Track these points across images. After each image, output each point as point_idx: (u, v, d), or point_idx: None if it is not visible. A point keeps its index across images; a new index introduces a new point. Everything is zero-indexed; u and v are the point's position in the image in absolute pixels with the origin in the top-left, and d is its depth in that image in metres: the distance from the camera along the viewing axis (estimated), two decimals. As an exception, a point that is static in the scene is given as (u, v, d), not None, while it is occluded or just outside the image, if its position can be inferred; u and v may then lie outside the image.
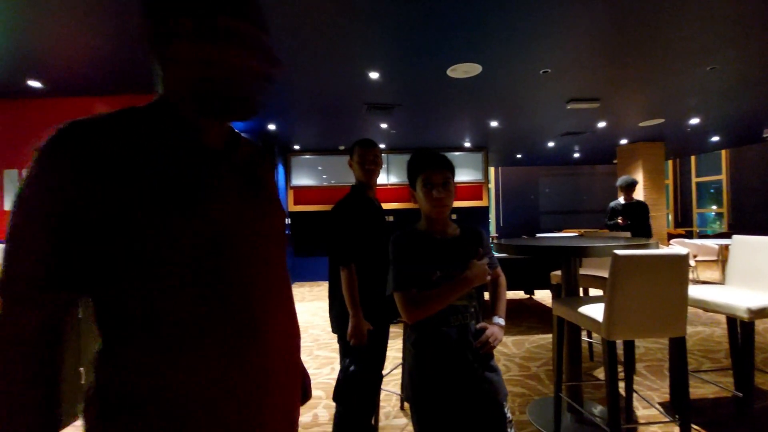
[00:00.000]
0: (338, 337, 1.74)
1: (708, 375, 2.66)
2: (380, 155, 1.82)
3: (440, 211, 1.19)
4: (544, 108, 4.72)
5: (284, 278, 0.71)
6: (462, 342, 1.15)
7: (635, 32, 2.80)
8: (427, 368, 1.16)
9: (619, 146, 7.32)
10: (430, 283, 1.15)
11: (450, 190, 1.19)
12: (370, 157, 1.77)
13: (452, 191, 1.20)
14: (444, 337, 1.15)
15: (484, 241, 1.27)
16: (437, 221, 1.22)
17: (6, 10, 2.31)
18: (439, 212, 1.19)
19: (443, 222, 1.23)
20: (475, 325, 1.18)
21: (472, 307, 1.18)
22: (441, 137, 6.34)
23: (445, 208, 1.20)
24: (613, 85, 3.95)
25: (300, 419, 2.32)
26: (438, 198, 1.17)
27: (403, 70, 3.45)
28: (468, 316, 1.17)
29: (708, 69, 3.49)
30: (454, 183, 1.22)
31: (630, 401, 2.17)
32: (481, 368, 1.15)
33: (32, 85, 3.46)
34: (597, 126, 5.67)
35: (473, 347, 1.15)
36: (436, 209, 1.18)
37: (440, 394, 1.13)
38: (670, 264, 1.59)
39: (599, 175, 10.42)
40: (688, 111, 5.03)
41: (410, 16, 2.53)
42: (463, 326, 1.16)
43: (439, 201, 1.17)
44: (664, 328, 1.64)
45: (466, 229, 1.28)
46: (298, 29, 2.65)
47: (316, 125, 5.38)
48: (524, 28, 2.72)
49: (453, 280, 1.13)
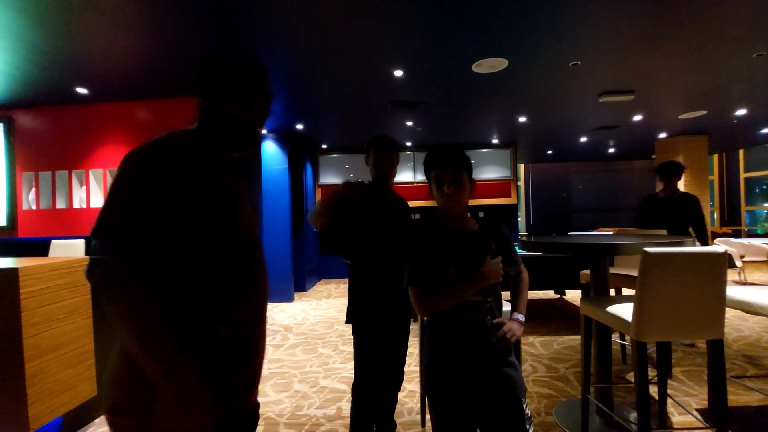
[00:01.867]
0: (352, 328, 1.77)
1: (752, 382, 2.50)
2: (397, 156, 1.83)
3: (451, 206, 1.20)
4: (575, 102, 4.56)
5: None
6: (477, 337, 1.15)
7: (672, 18, 2.66)
8: (442, 362, 1.17)
9: (658, 140, 6.96)
10: (445, 278, 1.16)
11: (462, 185, 1.19)
12: (386, 162, 1.81)
13: (465, 186, 1.20)
14: (459, 332, 1.16)
15: (502, 235, 1.26)
16: (452, 216, 1.23)
17: (57, 22, 2.49)
18: (451, 207, 1.20)
19: (458, 217, 1.23)
20: (491, 320, 1.17)
21: (488, 303, 1.18)
22: (467, 134, 6.25)
23: (456, 204, 1.20)
24: (649, 76, 3.76)
25: (324, 412, 2.38)
26: (449, 193, 1.18)
27: (427, 67, 3.43)
28: (483, 312, 1.17)
29: (754, 56, 3.26)
30: (467, 178, 1.21)
31: (663, 406, 2.08)
32: (496, 363, 1.14)
33: (79, 91, 3.70)
34: (632, 119, 5.41)
35: (489, 342, 1.14)
36: (446, 204, 1.20)
37: (455, 388, 1.15)
38: (704, 262, 1.51)
39: (637, 171, 9.94)
40: (734, 101, 4.71)
41: (434, 12, 2.52)
42: (478, 321, 1.16)
43: (450, 196, 1.18)
44: (699, 329, 1.56)
45: (484, 223, 1.27)
46: (324, 30, 2.70)
47: (342, 124, 5.45)
48: (551, 19, 2.64)
49: (467, 276, 1.14)
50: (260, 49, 2.98)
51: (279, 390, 2.69)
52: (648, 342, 1.55)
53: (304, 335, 3.98)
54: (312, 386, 2.74)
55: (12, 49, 2.80)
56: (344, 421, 2.23)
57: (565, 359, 3.09)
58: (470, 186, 1.23)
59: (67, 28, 2.55)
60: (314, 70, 3.41)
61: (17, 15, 2.37)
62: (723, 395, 1.62)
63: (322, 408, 2.42)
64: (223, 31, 2.69)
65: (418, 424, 2.19)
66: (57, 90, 3.66)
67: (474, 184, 1.26)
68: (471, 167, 1.25)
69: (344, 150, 7.17)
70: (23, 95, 3.76)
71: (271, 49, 2.97)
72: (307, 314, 4.86)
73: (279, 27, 2.64)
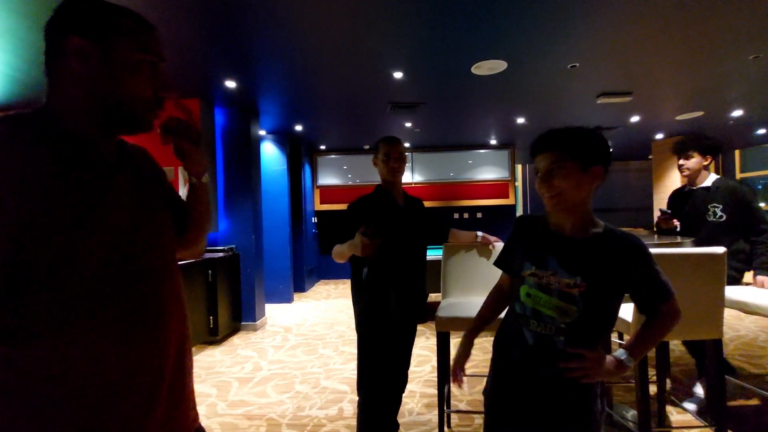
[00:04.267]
0: (358, 334, 1.75)
1: (750, 380, 2.53)
2: (404, 153, 1.80)
3: (547, 204, 1.01)
4: (573, 103, 4.58)
5: (176, 269, 0.80)
6: (538, 351, 1.00)
7: (669, 21, 2.69)
8: (498, 362, 1.11)
9: (655, 141, 7.01)
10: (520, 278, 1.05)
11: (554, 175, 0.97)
12: (395, 154, 1.74)
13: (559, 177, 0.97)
14: (521, 337, 1.03)
15: (630, 256, 0.97)
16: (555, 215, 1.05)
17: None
18: (548, 204, 1.01)
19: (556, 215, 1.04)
20: (563, 342, 0.97)
21: (563, 324, 0.97)
22: (466, 135, 6.27)
23: (549, 199, 0.99)
24: (647, 78, 3.79)
25: (326, 412, 2.38)
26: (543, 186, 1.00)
27: (426, 69, 3.44)
28: (553, 329, 0.98)
29: (751, 58, 3.30)
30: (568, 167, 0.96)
31: (663, 405, 2.10)
32: (550, 389, 0.98)
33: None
34: (630, 120, 5.45)
35: (550, 362, 0.97)
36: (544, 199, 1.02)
37: (502, 394, 1.07)
38: (703, 263, 1.53)
39: (633, 171, 10.00)
40: (730, 103, 4.75)
41: (434, 15, 2.53)
42: (543, 336, 0.99)
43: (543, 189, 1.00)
44: (698, 329, 1.58)
45: (610, 231, 1.01)
46: (324, 32, 2.71)
47: (341, 125, 5.45)
48: (550, 22, 2.66)
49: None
50: (260, 50, 2.99)
51: (281, 391, 2.70)
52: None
53: (305, 336, 3.99)
54: (313, 387, 2.75)
55: (12, 50, 2.79)
56: (346, 422, 2.24)
57: (564, 359, 3.10)
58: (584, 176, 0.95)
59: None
60: (313, 71, 3.42)
61: (17, 17, 2.36)
62: (722, 394, 1.64)
63: (323, 409, 2.43)
64: (223, 32, 2.70)
65: (419, 423, 2.20)
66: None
67: (597, 172, 0.97)
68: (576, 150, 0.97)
69: (342, 151, 7.18)
70: (23, 97, 3.74)
71: (271, 50, 2.98)
72: (307, 315, 4.86)
73: (279, 28, 2.65)
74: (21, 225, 0.57)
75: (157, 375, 0.71)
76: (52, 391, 0.60)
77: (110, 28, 0.67)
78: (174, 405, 0.75)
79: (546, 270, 1.00)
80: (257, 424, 2.27)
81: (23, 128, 0.62)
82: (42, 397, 0.60)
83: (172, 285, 0.77)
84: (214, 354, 3.53)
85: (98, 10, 0.67)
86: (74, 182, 0.63)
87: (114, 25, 0.67)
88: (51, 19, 0.67)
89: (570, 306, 0.96)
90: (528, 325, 1.02)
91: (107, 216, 0.66)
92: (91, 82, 0.66)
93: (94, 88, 0.66)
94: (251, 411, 2.44)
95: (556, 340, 0.97)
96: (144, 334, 0.69)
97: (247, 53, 3.03)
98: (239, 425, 2.27)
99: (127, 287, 0.68)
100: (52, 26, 0.66)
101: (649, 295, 0.99)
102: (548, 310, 0.98)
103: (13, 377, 0.59)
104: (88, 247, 0.63)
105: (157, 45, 0.72)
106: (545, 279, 0.99)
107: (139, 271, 0.70)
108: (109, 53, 0.66)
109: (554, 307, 0.97)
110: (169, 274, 0.77)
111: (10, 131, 0.60)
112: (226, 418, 2.35)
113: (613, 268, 0.96)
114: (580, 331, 0.96)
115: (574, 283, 0.95)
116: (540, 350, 0.99)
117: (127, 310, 0.67)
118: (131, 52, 0.68)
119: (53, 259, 0.60)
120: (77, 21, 0.65)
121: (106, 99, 0.67)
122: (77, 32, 0.64)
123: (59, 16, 0.66)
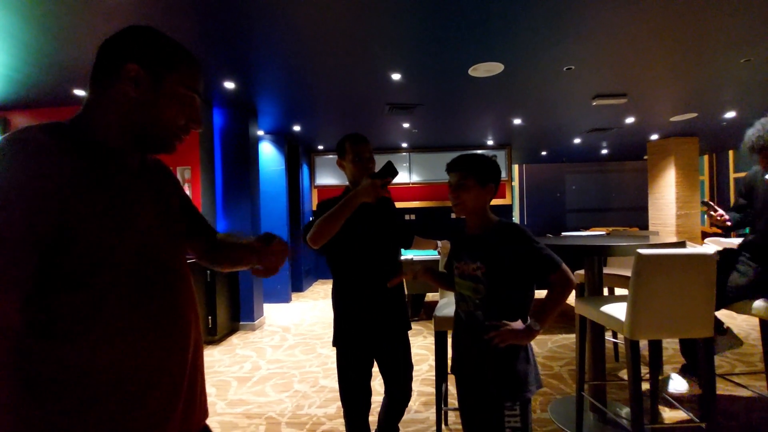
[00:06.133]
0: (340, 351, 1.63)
1: (740, 378, 2.58)
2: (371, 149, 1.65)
3: (454, 209, 1.34)
4: (569, 105, 4.63)
5: (188, 273, 0.84)
6: (468, 327, 1.29)
7: (663, 25, 2.73)
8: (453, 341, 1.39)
9: (650, 142, 7.07)
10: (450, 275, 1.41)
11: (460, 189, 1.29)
12: (366, 154, 1.60)
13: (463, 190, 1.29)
14: (458, 317, 1.35)
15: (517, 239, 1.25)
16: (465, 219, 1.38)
17: (54, 24, 2.49)
18: (454, 210, 1.34)
19: (467, 220, 1.37)
20: (482, 316, 1.24)
21: (478, 299, 1.25)
22: (463, 136, 6.31)
23: (455, 206, 1.33)
24: (641, 80, 3.84)
25: (325, 411, 2.41)
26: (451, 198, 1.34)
27: (424, 71, 3.47)
28: (472, 306, 1.27)
29: (742, 61, 3.35)
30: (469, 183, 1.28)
31: (655, 402, 2.14)
32: (481, 358, 1.23)
33: (77, 93, 3.69)
34: (625, 122, 5.50)
35: (478, 336, 1.23)
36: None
37: (455, 366, 1.35)
38: (695, 264, 1.57)
39: (629, 171, 10.08)
40: (723, 105, 4.81)
41: (431, 17, 2.56)
42: (468, 313, 1.28)
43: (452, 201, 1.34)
44: (690, 328, 1.62)
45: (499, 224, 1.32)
46: (322, 33, 2.73)
47: (339, 126, 5.47)
48: (546, 26, 2.70)
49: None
50: (258, 51, 3.01)
51: (279, 390, 2.72)
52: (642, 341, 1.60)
53: (303, 335, 4.01)
54: (312, 386, 2.78)
55: (9, 51, 2.79)
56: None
57: (559, 357, 3.15)
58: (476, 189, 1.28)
59: (65, 30, 2.55)
60: (312, 72, 3.44)
61: (15, 17, 2.37)
62: (713, 391, 1.68)
63: (322, 407, 2.46)
64: (222, 34, 2.71)
65: (416, 421, 2.23)
66: (54, 91, 3.65)
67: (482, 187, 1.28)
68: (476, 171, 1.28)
69: (340, 151, 7.19)
70: (20, 96, 3.74)
71: (270, 51, 3.00)
72: (304, 314, 4.89)
73: (277, 30, 2.67)
74: (58, 228, 0.60)
75: (180, 371, 0.76)
76: (84, 386, 0.63)
77: (167, 61, 0.73)
78: (190, 401, 0.79)
79: (461, 261, 1.31)
80: (256, 423, 2.30)
81: (62, 137, 0.65)
82: (73, 392, 0.63)
83: (187, 286, 0.81)
84: (213, 353, 3.55)
85: (159, 43, 0.74)
86: (108, 189, 0.68)
87: (170, 59, 0.74)
88: (111, 40, 0.73)
89: (478, 285, 1.24)
90: (459, 306, 1.33)
91: (136, 221, 0.72)
92: (137, 106, 0.72)
93: (138, 112, 0.72)
94: (250, 410, 2.46)
95: (476, 314, 1.25)
96: (168, 333, 0.74)
97: (246, 54, 3.05)
98: (238, 424, 2.29)
99: (153, 287, 0.72)
100: (111, 48, 0.72)
101: (538, 269, 1.20)
102: (467, 291, 1.28)
103: (45, 372, 0.62)
104: (120, 249, 0.68)
105: (200, 83, 0.79)
106: (461, 268, 1.30)
107: (163, 273, 0.75)
108: (159, 84, 0.72)
109: (469, 288, 1.27)
110: (185, 276, 0.82)
111: (49, 139, 0.63)
112: (225, 417, 2.37)
113: (503, 250, 1.22)
114: (492, 305, 1.23)
115: (477, 267, 1.24)
116: (468, 325, 1.28)
117: (153, 310, 0.72)
118: (178, 86, 0.74)
119: (88, 260, 0.63)
120: (139, 50, 0.71)
121: (145, 123, 0.73)
122: (137, 60, 0.70)
123: (121, 40, 0.72)
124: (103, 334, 0.65)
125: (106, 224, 0.65)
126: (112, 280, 0.66)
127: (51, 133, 0.64)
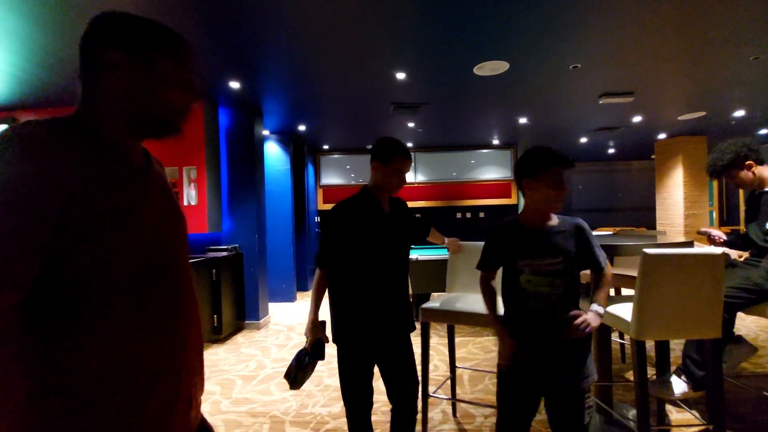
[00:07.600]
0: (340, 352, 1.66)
1: (749, 380, 2.54)
2: None
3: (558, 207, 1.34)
4: (575, 104, 4.59)
5: (190, 272, 0.84)
6: (546, 323, 1.28)
7: (671, 21, 2.70)
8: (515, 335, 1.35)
9: (657, 141, 7.00)
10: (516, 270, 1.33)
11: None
12: (407, 170, 1.59)
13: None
14: (527, 318, 1.31)
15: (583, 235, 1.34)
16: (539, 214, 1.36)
17: (60, 24, 2.52)
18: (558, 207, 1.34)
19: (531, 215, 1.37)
20: (560, 310, 1.27)
21: (555, 295, 1.27)
22: (469, 135, 6.29)
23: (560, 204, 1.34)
24: (649, 79, 3.80)
25: (329, 410, 2.41)
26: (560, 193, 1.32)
27: (429, 70, 3.46)
28: (549, 302, 1.28)
29: (751, 59, 3.30)
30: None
31: (662, 404, 2.12)
32: (566, 350, 1.27)
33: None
34: (632, 121, 5.45)
35: (557, 331, 1.26)
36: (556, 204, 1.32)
37: (522, 368, 1.32)
38: (702, 263, 1.55)
39: (636, 171, 9.98)
40: (732, 103, 4.75)
41: (436, 16, 2.56)
42: (545, 310, 1.28)
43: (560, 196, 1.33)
44: (698, 329, 1.60)
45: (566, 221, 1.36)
46: (326, 32, 2.73)
47: (344, 125, 5.48)
48: (552, 23, 2.68)
49: (493, 315, 1.41)
50: (263, 51, 3.02)
51: (284, 389, 2.73)
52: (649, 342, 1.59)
53: (307, 335, 4.02)
54: (317, 385, 2.78)
55: (16, 51, 2.83)
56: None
57: (565, 358, 3.13)
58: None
59: (71, 29, 2.58)
60: (317, 72, 3.44)
61: (21, 17, 2.39)
62: (720, 392, 1.66)
63: (326, 406, 2.46)
64: (227, 34, 2.73)
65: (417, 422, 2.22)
66: (60, 91, 3.68)
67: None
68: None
69: (345, 150, 7.21)
70: (27, 97, 3.79)
71: (274, 50, 3.01)
72: (309, 314, 4.89)
73: (282, 30, 2.67)
74: (65, 225, 0.59)
75: (180, 371, 0.76)
76: (85, 387, 0.63)
77: (149, 42, 0.71)
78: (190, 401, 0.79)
79: (537, 258, 1.29)
80: (261, 422, 2.30)
81: (64, 133, 0.64)
82: (74, 392, 0.62)
83: (189, 285, 0.81)
84: (218, 352, 3.57)
85: (138, 25, 0.71)
86: (113, 185, 0.67)
87: (152, 39, 0.72)
88: (86, 32, 0.70)
89: (556, 280, 1.27)
90: (531, 305, 1.30)
91: (142, 217, 0.70)
92: (129, 92, 0.70)
93: (131, 98, 0.70)
94: (255, 408, 2.47)
95: (554, 309, 1.27)
96: (169, 332, 0.74)
97: (251, 55, 3.06)
98: (243, 422, 2.30)
99: (156, 287, 0.72)
100: (88, 39, 0.70)
101: (593, 264, 1.35)
102: (544, 287, 1.28)
103: (46, 372, 0.61)
104: (128, 245, 0.67)
105: (190, 58, 0.77)
106: (535, 265, 1.28)
107: (168, 270, 0.75)
108: (147, 65, 0.70)
109: (547, 284, 1.27)
110: (188, 275, 0.81)
111: (51, 135, 0.62)
112: (230, 416, 2.39)
113: (577, 243, 1.31)
114: (566, 300, 1.28)
115: (559, 261, 1.27)
116: (546, 320, 1.28)
117: (155, 309, 0.71)
118: (167, 63, 0.72)
119: (93, 260, 0.62)
120: (115, 35, 0.69)
121: (141, 108, 0.71)
122: (115, 46, 0.68)
123: (95, 29, 0.70)
124: (105, 335, 0.64)
125: (113, 224, 0.64)
126: (116, 281, 0.65)
127: (51, 129, 0.62)
